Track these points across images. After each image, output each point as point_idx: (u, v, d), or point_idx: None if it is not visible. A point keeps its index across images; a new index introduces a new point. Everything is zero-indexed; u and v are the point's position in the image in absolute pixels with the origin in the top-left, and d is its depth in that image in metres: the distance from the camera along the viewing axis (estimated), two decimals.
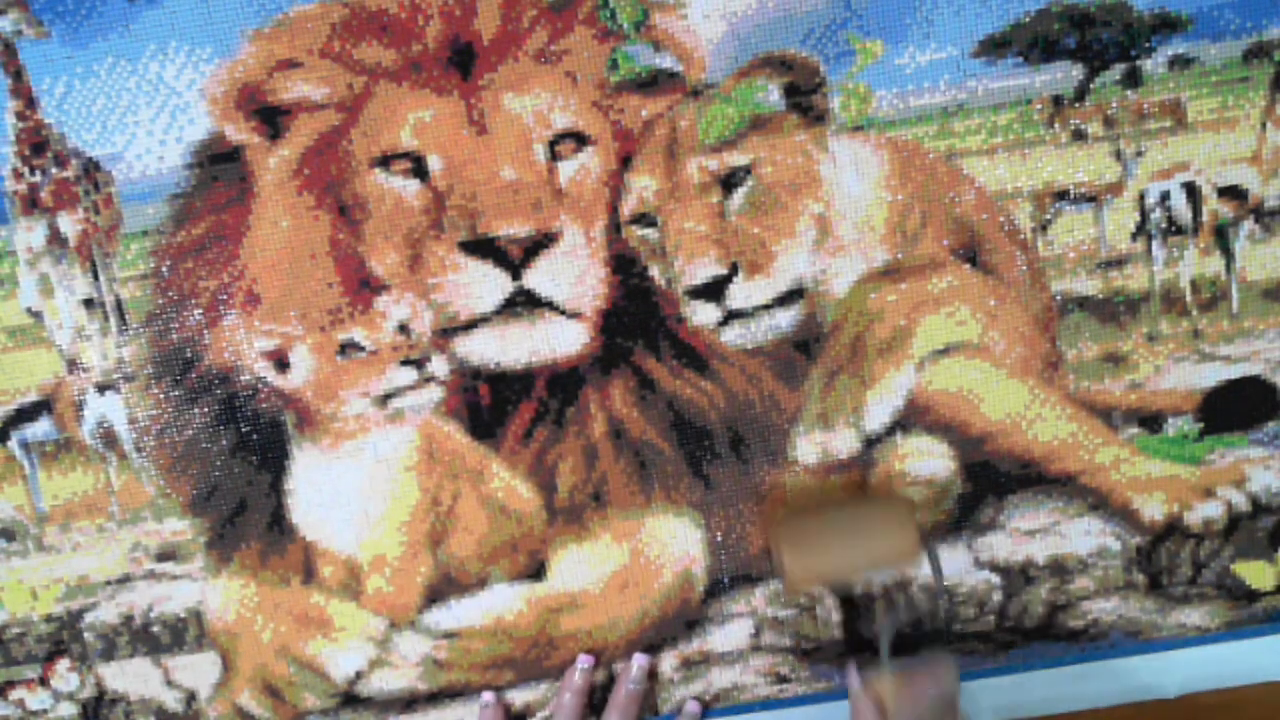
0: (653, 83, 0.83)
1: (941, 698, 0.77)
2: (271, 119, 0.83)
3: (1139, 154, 0.84)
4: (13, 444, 0.89)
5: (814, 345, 0.86)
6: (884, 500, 0.85)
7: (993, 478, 0.87)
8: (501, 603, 0.89)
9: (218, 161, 0.84)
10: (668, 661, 0.90)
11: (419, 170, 0.83)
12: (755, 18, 0.81)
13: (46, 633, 0.92)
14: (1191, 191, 0.85)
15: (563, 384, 0.86)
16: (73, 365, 0.88)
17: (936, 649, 0.85)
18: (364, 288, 0.85)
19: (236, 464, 0.88)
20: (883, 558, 0.80)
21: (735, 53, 0.82)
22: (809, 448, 0.87)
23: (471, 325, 0.85)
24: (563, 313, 0.85)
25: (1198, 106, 0.83)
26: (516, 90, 0.82)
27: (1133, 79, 0.83)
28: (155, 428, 0.88)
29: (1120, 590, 0.89)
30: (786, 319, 0.85)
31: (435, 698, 0.91)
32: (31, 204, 0.85)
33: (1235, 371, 0.86)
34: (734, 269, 0.84)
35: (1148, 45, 0.82)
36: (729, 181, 0.84)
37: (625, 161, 0.84)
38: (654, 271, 0.85)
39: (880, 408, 0.86)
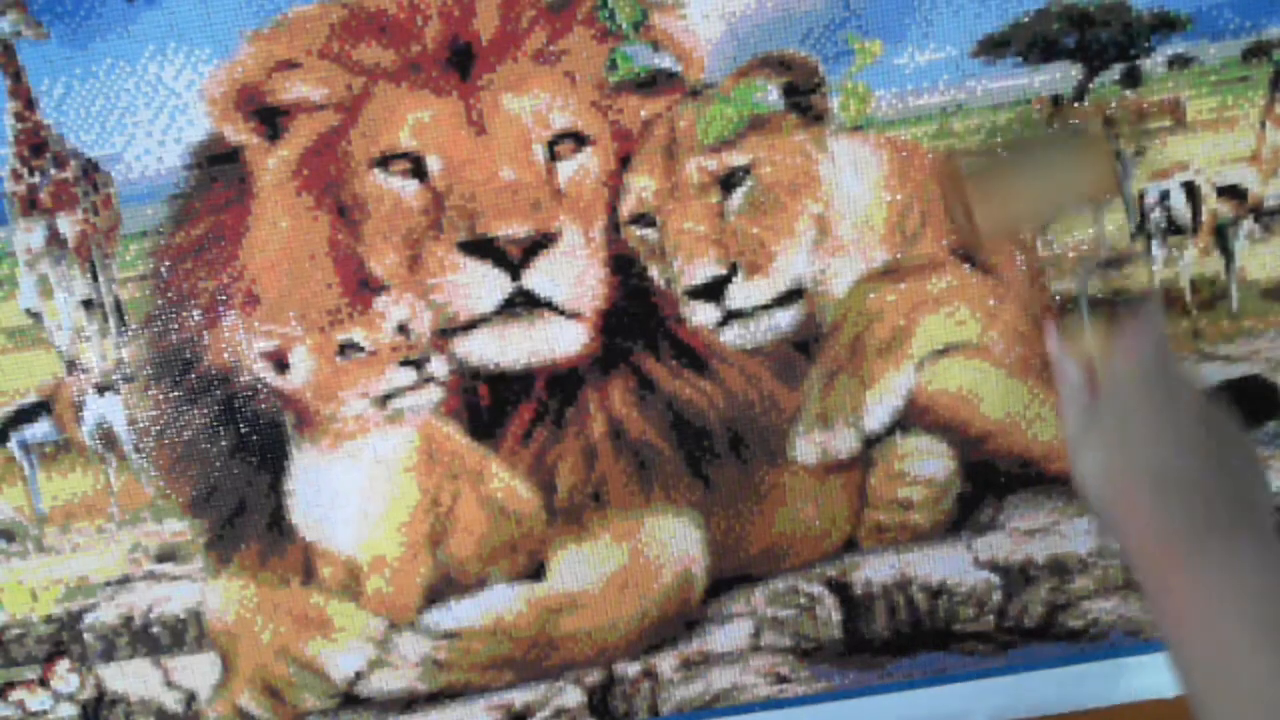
0: (652, 83, 0.83)
1: (1156, 345, 0.64)
2: (270, 120, 0.83)
3: (1138, 154, 0.84)
4: (12, 445, 0.89)
5: (813, 345, 0.86)
6: (1073, 132, 0.78)
7: (993, 478, 0.87)
8: (501, 603, 0.89)
9: (217, 162, 0.84)
10: (668, 662, 0.90)
11: (418, 171, 0.83)
12: (754, 18, 0.81)
13: (46, 634, 0.91)
14: (1191, 191, 0.85)
15: (562, 384, 0.86)
16: (72, 366, 0.88)
17: (1142, 301, 0.68)
18: (363, 288, 0.85)
19: (236, 465, 0.88)
20: (1078, 192, 0.73)
21: (734, 53, 0.82)
22: (808, 448, 0.87)
23: (471, 326, 0.85)
24: (562, 313, 0.85)
25: (1197, 106, 0.83)
26: (515, 90, 0.82)
27: (1132, 79, 0.83)
28: (155, 428, 0.88)
29: (1120, 590, 0.89)
30: (786, 319, 0.85)
31: (435, 698, 0.91)
32: (31, 205, 0.85)
33: (1235, 371, 0.86)
34: (733, 269, 0.84)
35: (1147, 45, 0.82)
36: (728, 182, 0.84)
37: (624, 162, 0.84)
38: (653, 272, 0.85)
39: (880, 408, 0.86)
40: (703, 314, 0.85)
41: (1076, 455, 0.65)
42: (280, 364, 0.86)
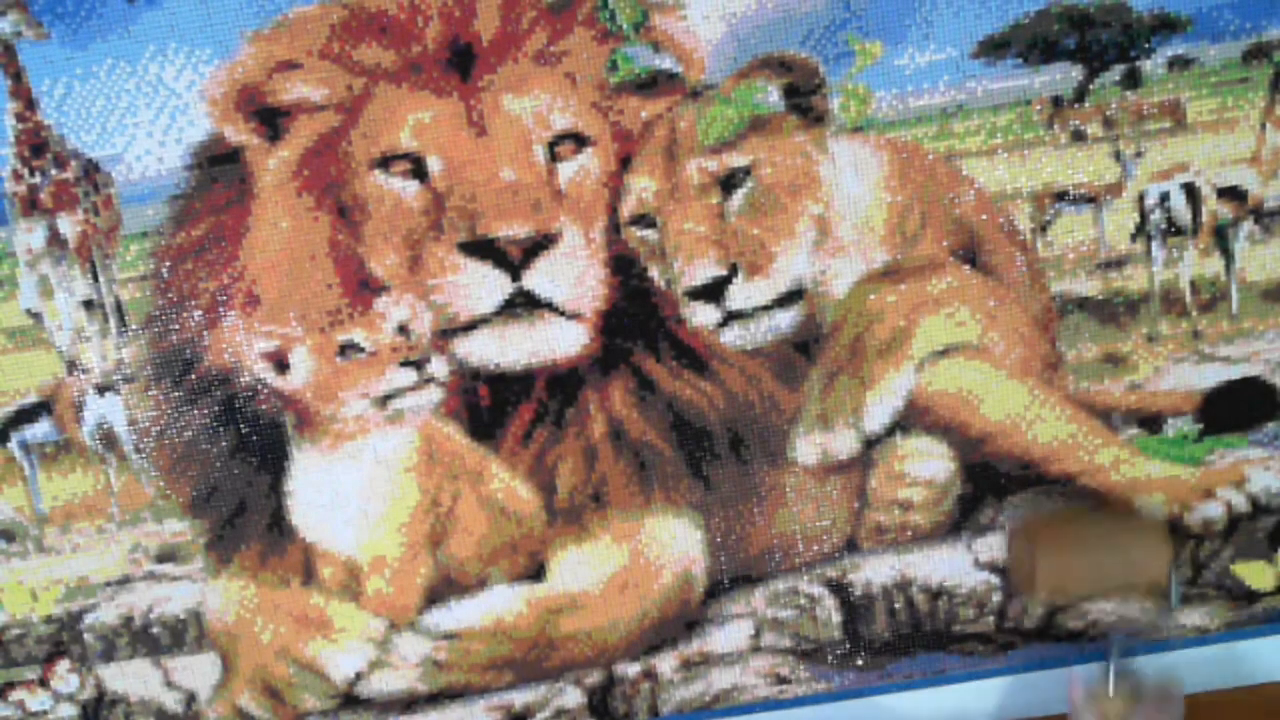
0: (652, 84, 0.83)
1: None
2: (271, 120, 0.83)
3: (1138, 155, 0.84)
4: (13, 445, 0.89)
5: (813, 346, 0.86)
6: (1139, 517, 0.84)
7: (993, 478, 0.87)
8: (501, 604, 0.89)
9: (217, 163, 0.84)
10: (668, 662, 0.90)
11: (418, 171, 0.83)
12: (755, 19, 0.81)
13: (46, 634, 0.92)
14: (1191, 192, 0.85)
15: (562, 385, 0.86)
16: (72, 366, 0.88)
17: (1166, 685, 0.80)
18: (364, 289, 0.85)
19: (236, 465, 0.88)
20: (1135, 575, 0.79)
21: (735, 54, 0.82)
22: (808, 448, 0.87)
23: (471, 326, 0.85)
24: (562, 314, 0.85)
25: (1197, 107, 0.83)
26: (516, 91, 0.82)
27: (1132, 80, 0.83)
28: (155, 429, 0.88)
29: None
30: (786, 320, 0.85)
31: (435, 698, 0.91)
32: (31, 205, 0.85)
33: (1235, 372, 0.86)
34: (733, 270, 0.84)
35: (1147, 46, 0.82)
36: (728, 182, 0.84)
37: (625, 162, 0.84)
38: (654, 272, 0.85)
39: (880, 408, 0.86)
40: (703, 314, 0.85)
41: None
42: (280, 364, 0.86)
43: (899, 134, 0.83)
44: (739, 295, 0.84)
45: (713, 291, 0.84)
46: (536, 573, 0.89)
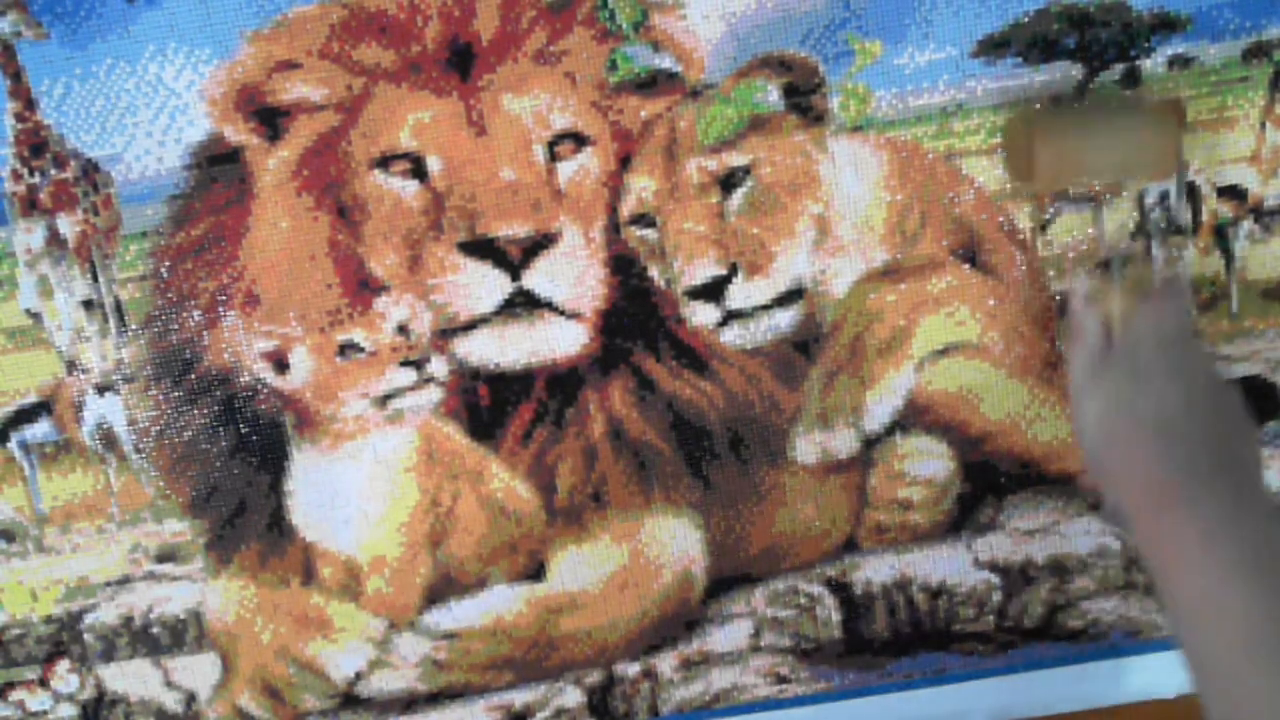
0: (652, 83, 0.83)
1: (1178, 315, 0.67)
2: (270, 120, 0.83)
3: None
4: (12, 445, 0.89)
5: (813, 345, 0.86)
6: (1150, 102, 0.77)
7: (992, 478, 0.87)
8: (501, 603, 0.89)
9: (217, 163, 0.84)
10: (668, 662, 0.90)
11: (418, 171, 0.83)
12: (754, 18, 0.81)
13: (46, 634, 0.92)
14: (1191, 191, 0.85)
15: (562, 385, 0.86)
16: (72, 366, 0.88)
17: (1173, 275, 0.74)
18: (363, 289, 0.85)
19: (236, 465, 0.88)
20: (1140, 164, 0.73)
21: (734, 53, 0.82)
22: (808, 448, 0.87)
23: (471, 326, 0.85)
24: (562, 313, 0.85)
25: (1197, 106, 0.83)
26: (516, 91, 0.82)
27: (1132, 79, 0.83)
28: (155, 429, 0.88)
29: (1120, 590, 0.89)
30: (786, 319, 0.85)
31: (435, 698, 0.91)
32: (31, 205, 0.85)
33: (1235, 371, 0.86)
34: (733, 269, 0.84)
35: (1147, 45, 0.82)
36: (728, 182, 0.84)
37: (624, 162, 0.84)
38: (653, 272, 0.85)
39: (880, 408, 0.86)
40: (703, 314, 0.85)
41: (1080, 400, 0.67)
42: (280, 364, 0.86)
43: (899, 133, 0.83)
44: (739, 295, 0.84)
45: (712, 291, 0.84)
46: (536, 572, 0.89)
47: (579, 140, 0.83)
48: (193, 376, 0.87)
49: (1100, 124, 0.74)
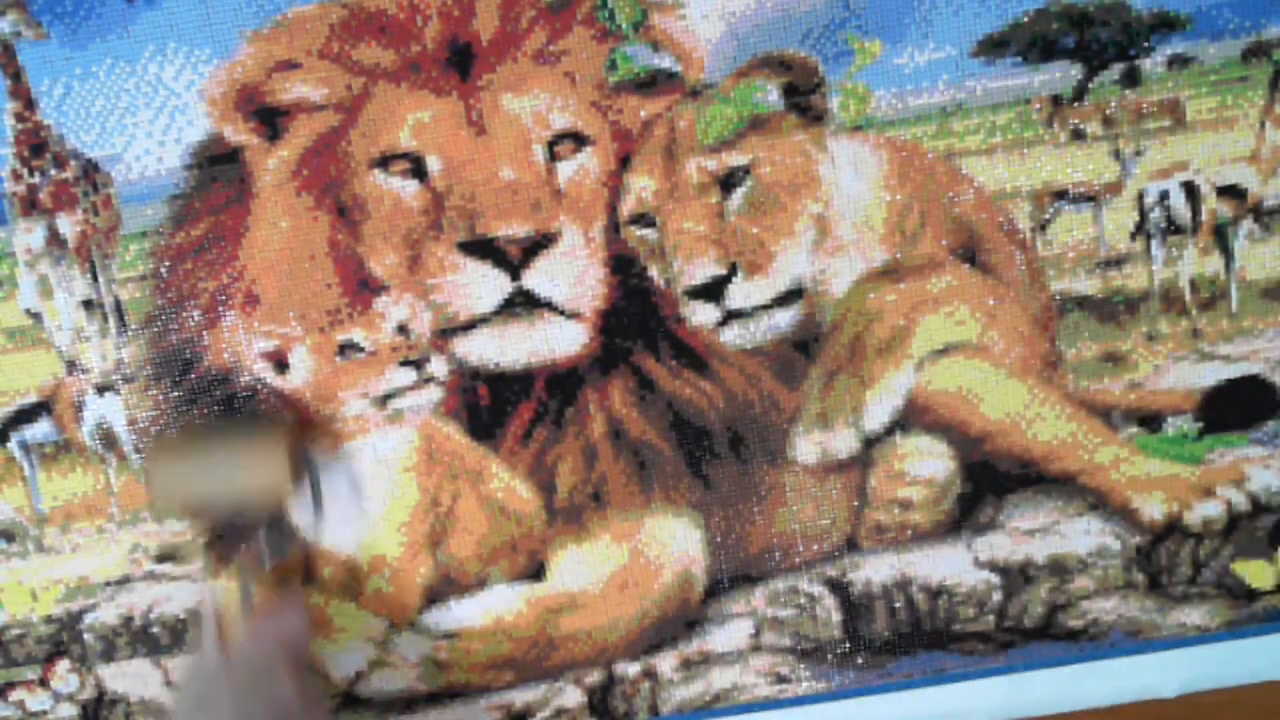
0: (651, 83, 0.83)
1: (286, 644, 0.73)
2: (270, 120, 0.83)
3: (1138, 153, 0.84)
4: (12, 445, 0.89)
5: (813, 345, 0.86)
6: (258, 424, 0.79)
7: (992, 477, 0.87)
8: (501, 603, 0.89)
9: (217, 162, 0.84)
10: (668, 661, 0.90)
11: (418, 171, 0.83)
12: (754, 18, 0.81)
13: (46, 634, 0.92)
14: (1190, 191, 0.85)
15: (562, 384, 0.86)
16: (72, 366, 0.88)
17: (294, 592, 0.79)
18: (363, 288, 0.85)
19: None
20: (252, 487, 0.75)
21: (734, 53, 0.82)
22: (808, 448, 0.87)
23: (471, 326, 0.85)
24: (562, 313, 0.85)
25: (1196, 106, 0.83)
26: (515, 91, 0.82)
27: (1131, 78, 0.83)
28: (155, 429, 0.87)
29: (1120, 590, 0.89)
30: (785, 319, 0.85)
31: (435, 698, 0.91)
32: (30, 205, 0.85)
33: (1234, 371, 0.86)
34: (733, 269, 0.84)
35: (1146, 45, 0.82)
36: (728, 182, 0.84)
37: (624, 162, 0.84)
38: (653, 272, 0.85)
39: (879, 407, 0.86)
40: (702, 314, 0.85)
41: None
42: (280, 364, 0.86)
43: (898, 133, 0.83)
44: (738, 294, 0.84)
45: (712, 290, 0.84)
46: (536, 572, 0.89)
47: (579, 140, 0.83)
48: (193, 376, 0.87)
49: (207, 454, 0.76)
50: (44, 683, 0.92)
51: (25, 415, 0.89)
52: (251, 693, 0.68)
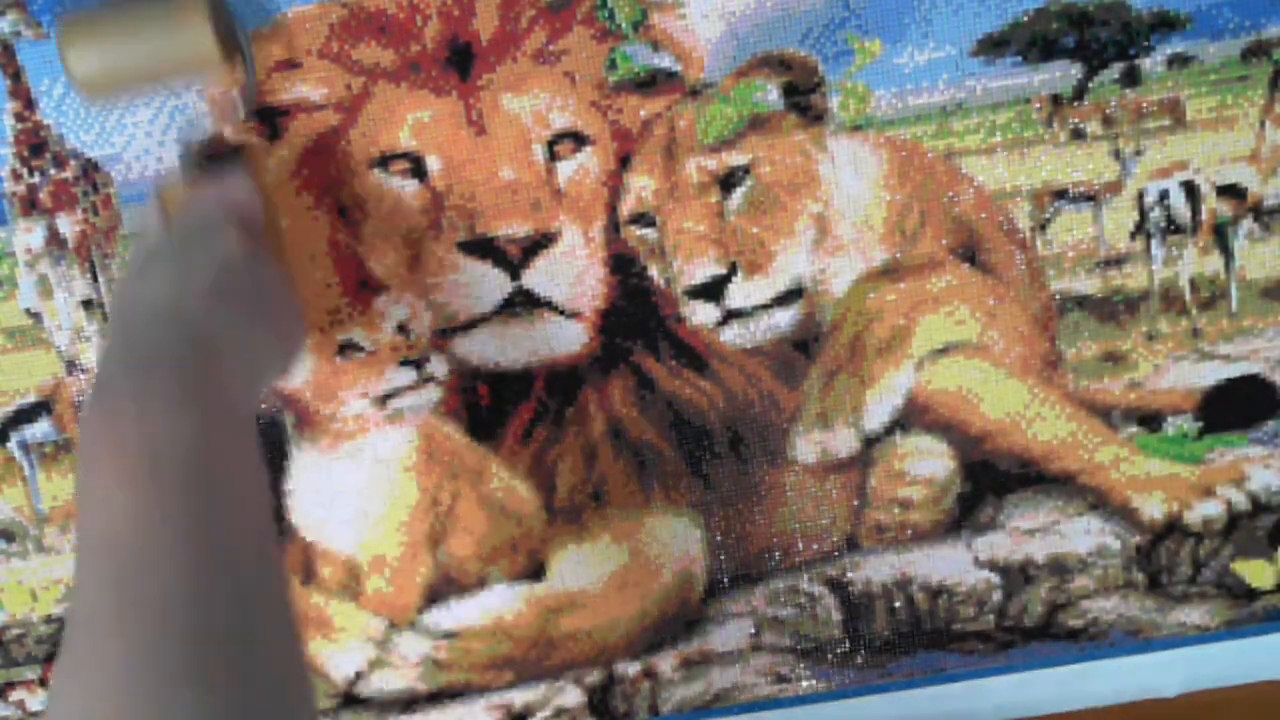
0: (651, 83, 0.83)
1: (230, 204, 0.71)
2: (270, 120, 0.83)
3: (1138, 153, 0.84)
4: (12, 445, 0.89)
5: (813, 345, 0.86)
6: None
7: (992, 477, 0.87)
8: (501, 603, 0.89)
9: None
10: (668, 661, 0.90)
11: (418, 171, 0.83)
12: (754, 17, 0.81)
13: (46, 634, 0.91)
14: (1190, 190, 0.85)
15: (562, 384, 0.86)
16: (72, 366, 0.88)
17: (234, 163, 0.75)
18: (363, 288, 0.85)
19: None
20: (177, 60, 0.71)
21: (734, 52, 0.82)
22: (808, 447, 0.87)
23: (471, 325, 0.85)
24: (562, 313, 0.85)
25: (1196, 105, 0.83)
26: (515, 90, 0.82)
27: (1131, 78, 0.83)
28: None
29: (1120, 589, 0.89)
30: (785, 319, 0.85)
31: (435, 698, 0.91)
32: (30, 205, 0.85)
33: (1235, 370, 0.86)
34: (733, 269, 0.84)
35: (1146, 44, 0.82)
36: (728, 181, 0.84)
37: (624, 161, 0.84)
38: (653, 271, 0.85)
39: (879, 407, 0.86)
40: (702, 313, 0.85)
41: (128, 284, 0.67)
42: None
43: (898, 132, 0.83)
44: (738, 294, 0.85)
45: (712, 290, 0.84)
46: (536, 572, 0.89)
47: (578, 140, 0.83)
48: None
49: (127, 25, 0.69)
50: (44, 683, 0.92)
51: (25, 415, 0.89)
52: (190, 246, 0.66)
